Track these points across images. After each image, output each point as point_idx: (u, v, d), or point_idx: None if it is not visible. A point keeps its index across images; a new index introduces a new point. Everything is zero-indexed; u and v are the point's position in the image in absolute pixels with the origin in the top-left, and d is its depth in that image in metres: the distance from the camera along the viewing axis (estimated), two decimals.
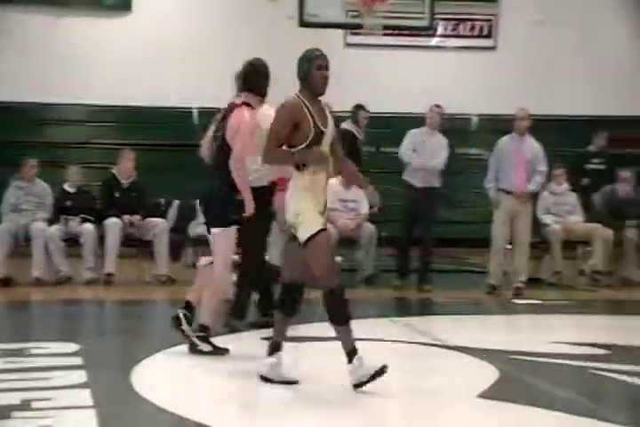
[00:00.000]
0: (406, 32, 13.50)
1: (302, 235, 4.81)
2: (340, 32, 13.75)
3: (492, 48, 14.66)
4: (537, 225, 9.70)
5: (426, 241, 9.21)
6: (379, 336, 6.36)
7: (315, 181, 4.88)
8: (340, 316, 4.82)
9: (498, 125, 10.53)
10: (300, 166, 4.86)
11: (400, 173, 9.43)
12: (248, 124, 5.66)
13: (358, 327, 4.94)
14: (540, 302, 8.54)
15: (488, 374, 5.27)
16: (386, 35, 12.28)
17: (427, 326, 6.15)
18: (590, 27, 14.46)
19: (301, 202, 4.85)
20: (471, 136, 13.95)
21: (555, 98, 13.88)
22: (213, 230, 5.66)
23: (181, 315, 5.75)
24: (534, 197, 9.40)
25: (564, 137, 12.98)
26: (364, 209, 9.50)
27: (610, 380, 5.28)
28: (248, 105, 5.78)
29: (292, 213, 4.87)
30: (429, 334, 6.40)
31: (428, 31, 12.55)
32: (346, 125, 10.02)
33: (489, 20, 14.66)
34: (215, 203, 5.66)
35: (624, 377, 5.30)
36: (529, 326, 7.48)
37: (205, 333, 5.70)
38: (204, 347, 5.66)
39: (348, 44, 14.39)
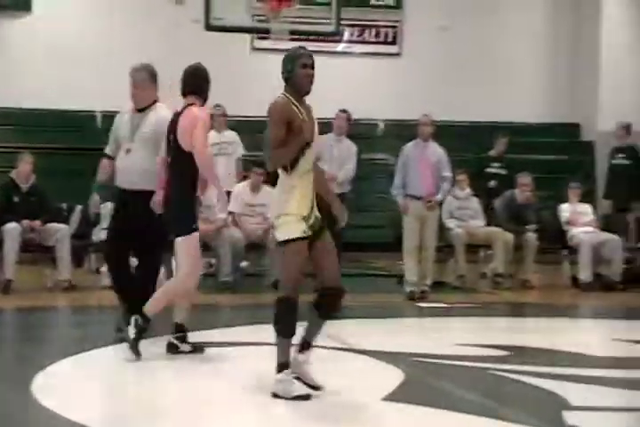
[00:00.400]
0: (313, 37, 13.55)
1: (278, 237, 4.80)
2: (246, 36, 13.72)
3: (397, 54, 14.85)
4: (441, 229, 9.86)
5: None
6: None
7: (301, 184, 4.78)
8: (281, 327, 4.77)
9: (404, 131, 10.66)
10: (288, 168, 4.78)
11: None
12: (200, 118, 5.78)
13: (267, 332, 4.94)
14: (444, 304, 8.67)
15: (393, 376, 5.33)
16: (293, 40, 12.26)
17: (335, 329, 6.17)
18: (494, 33, 14.76)
19: (285, 204, 4.77)
20: (378, 141, 14.08)
21: (458, 104, 14.12)
22: (177, 240, 5.77)
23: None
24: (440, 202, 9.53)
25: (466, 142, 13.22)
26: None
27: (510, 381, 5.39)
28: (195, 105, 5.89)
29: (275, 214, 4.83)
30: (337, 337, 6.43)
31: (335, 37, 12.63)
32: None
33: (394, 27, 14.85)
34: (174, 212, 5.78)
35: (523, 378, 5.42)
36: (434, 328, 7.58)
37: (183, 333, 5.89)
38: (185, 347, 5.86)
39: (255, 49, 14.38)
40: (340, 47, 14.70)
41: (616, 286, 9.89)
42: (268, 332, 4.97)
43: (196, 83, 5.94)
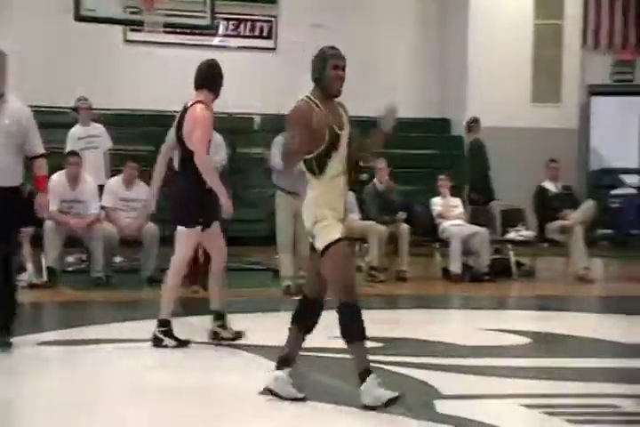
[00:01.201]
0: (188, 30, 13.43)
1: (319, 244, 4.57)
2: (119, 28, 13.48)
3: (273, 49, 14.87)
4: None
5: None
6: None
7: (332, 187, 4.63)
8: (354, 332, 4.64)
9: (280, 125, 10.68)
10: (316, 171, 4.64)
11: None
12: (202, 119, 5.90)
13: (143, 328, 4.89)
14: None
15: (270, 371, 5.34)
16: (167, 32, 12.16)
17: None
18: (367, 31, 14.94)
19: (318, 209, 4.60)
20: (254, 136, 14.08)
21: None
22: (178, 228, 5.95)
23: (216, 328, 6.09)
24: None
25: None
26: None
27: (383, 371, 5.49)
28: (201, 103, 6.00)
29: (310, 222, 4.63)
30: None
31: (210, 30, 12.55)
32: None
33: (269, 22, 14.86)
34: (181, 203, 5.96)
35: (396, 368, 5.54)
36: None
37: (167, 327, 5.93)
38: (169, 342, 5.92)
39: (128, 41, 14.14)
40: (216, 41, 14.61)
41: (484, 277, 10.20)
42: (143, 329, 4.92)
43: (208, 77, 6.05)
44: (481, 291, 9.67)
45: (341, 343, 6.18)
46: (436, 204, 10.74)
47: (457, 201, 10.93)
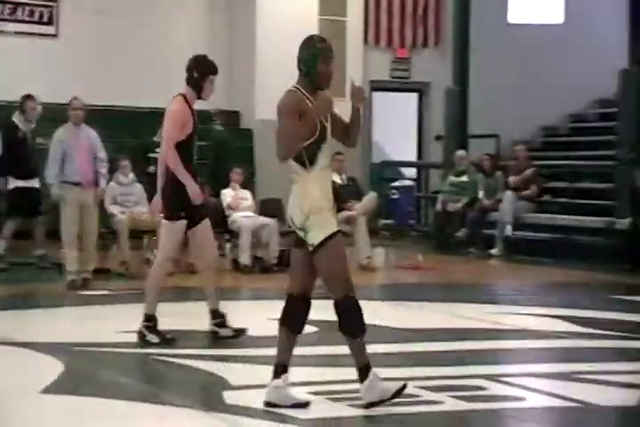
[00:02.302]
0: None
1: (314, 238, 4.42)
2: None
3: (54, 35, 14.34)
4: (104, 215, 9.71)
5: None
6: None
7: (322, 179, 4.53)
8: (354, 327, 4.53)
9: (59, 115, 10.33)
10: (307, 163, 4.51)
11: None
12: (173, 112, 6.05)
13: None
14: (107, 292, 8.58)
15: (53, 368, 5.20)
16: None
17: None
18: (150, 21, 14.69)
19: (310, 202, 4.45)
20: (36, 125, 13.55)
21: (117, 89, 13.95)
22: (162, 222, 6.06)
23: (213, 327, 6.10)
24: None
25: (128, 128, 13.12)
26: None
27: (172, 365, 5.47)
28: (184, 97, 6.14)
29: (301, 215, 4.45)
30: None
31: None
32: (15, 117, 10.13)
33: (49, 7, 14.31)
34: (164, 197, 6.06)
35: (185, 361, 5.52)
36: (96, 316, 7.48)
37: (152, 322, 5.96)
38: (152, 338, 5.92)
39: None
40: None
41: (273, 268, 10.34)
42: None
43: (188, 72, 6.20)
44: (270, 282, 9.79)
45: (128, 337, 6.11)
46: (227, 195, 10.77)
47: (247, 193, 11.02)
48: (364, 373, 4.53)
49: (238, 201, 10.72)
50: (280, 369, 4.60)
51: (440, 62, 15.52)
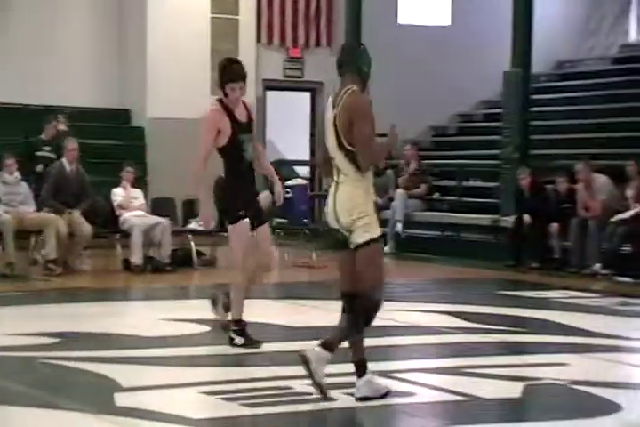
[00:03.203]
0: None
1: (359, 238, 4.56)
2: None
3: None
4: None
5: None
6: None
7: (369, 182, 4.67)
8: (361, 324, 4.66)
9: None
10: (363, 167, 4.59)
11: None
12: (203, 119, 6.09)
13: None
14: None
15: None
16: None
17: None
18: (47, 18, 14.34)
19: (361, 204, 4.58)
20: None
21: (5, 85, 13.60)
22: (228, 227, 6.00)
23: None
24: None
25: (15, 125, 12.80)
26: None
27: (60, 368, 5.36)
28: (220, 101, 6.02)
29: (350, 216, 4.57)
30: None
31: None
32: None
33: None
34: (225, 200, 6.07)
35: (74, 363, 5.42)
36: None
37: (239, 326, 5.94)
38: (239, 340, 5.92)
39: None
40: None
41: (165, 267, 10.24)
42: None
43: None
44: (162, 281, 9.70)
45: (14, 340, 5.96)
46: (118, 194, 10.60)
47: (138, 192, 10.87)
48: (361, 367, 4.69)
49: (129, 200, 10.58)
50: (364, 368, 4.71)
51: (333, 62, 15.42)
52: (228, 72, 6.01)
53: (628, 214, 10.20)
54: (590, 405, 4.81)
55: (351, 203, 4.59)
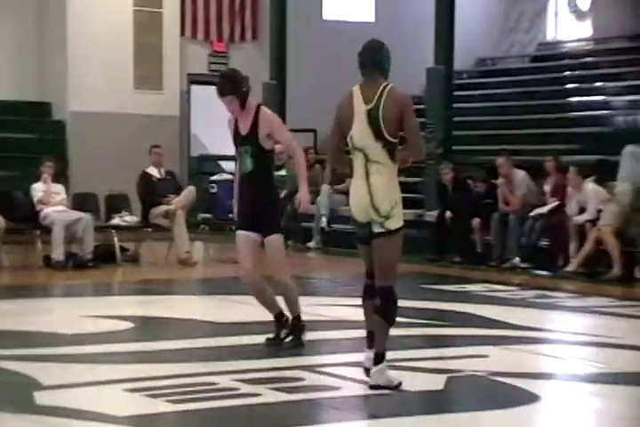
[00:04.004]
0: None
1: (393, 224, 4.81)
2: None
3: None
4: None
5: None
6: None
7: (396, 173, 4.91)
8: (392, 314, 4.87)
9: None
10: (394, 157, 4.84)
11: None
12: (276, 116, 6.02)
13: None
14: None
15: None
16: None
17: None
18: None
19: (395, 194, 4.86)
20: None
21: None
22: (272, 237, 5.84)
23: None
24: None
25: None
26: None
27: None
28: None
29: (388, 205, 4.82)
30: None
31: None
32: None
33: None
34: (270, 211, 5.87)
35: None
36: None
37: (301, 323, 5.95)
38: (305, 336, 5.96)
39: None
40: None
41: (88, 263, 10.10)
42: None
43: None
44: (85, 278, 9.57)
45: None
46: (38, 189, 10.42)
47: (59, 187, 10.70)
48: (380, 357, 4.86)
49: (50, 195, 10.40)
50: (382, 354, 4.86)
51: (258, 57, 15.61)
52: (217, 86, 5.98)
53: (545, 209, 10.42)
54: (509, 395, 4.90)
55: (390, 191, 4.86)
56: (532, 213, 10.45)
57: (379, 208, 4.82)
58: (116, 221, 10.87)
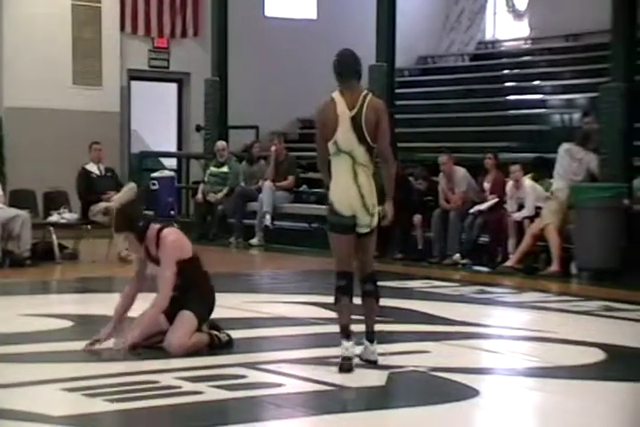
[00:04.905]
0: None
1: (374, 222, 5.25)
2: None
3: None
4: None
5: None
6: None
7: None
8: (379, 293, 5.41)
9: None
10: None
11: None
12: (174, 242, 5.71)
13: None
14: None
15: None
16: None
17: None
18: None
19: (374, 194, 5.24)
20: None
21: None
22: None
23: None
24: None
25: None
26: None
27: None
28: None
29: (374, 204, 5.22)
30: None
31: None
32: None
33: None
34: None
35: None
36: None
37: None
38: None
39: None
40: None
41: (25, 261, 9.94)
42: None
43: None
44: (22, 276, 9.43)
45: None
46: None
47: None
48: (372, 335, 5.34)
49: None
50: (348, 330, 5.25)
51: (199, 53, 15.52)
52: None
53: (484, 206, 10.54)
54: (449, 390, 4.95)
55: (373, 191, 5.24)
56: (471, 210, 10.55)
57: (369, 207, 5.23)
58: (54, 218, 10.71)
